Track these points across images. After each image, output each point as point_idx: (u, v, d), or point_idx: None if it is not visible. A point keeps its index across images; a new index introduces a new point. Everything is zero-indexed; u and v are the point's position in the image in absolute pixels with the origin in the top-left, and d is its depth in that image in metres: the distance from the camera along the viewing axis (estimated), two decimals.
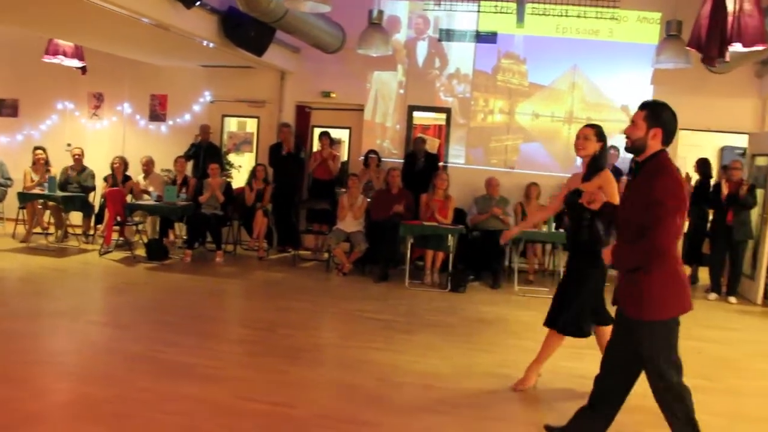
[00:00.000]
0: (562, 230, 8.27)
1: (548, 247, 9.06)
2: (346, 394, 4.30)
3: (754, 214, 8.51)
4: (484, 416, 4.06)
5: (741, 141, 10.63)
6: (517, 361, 5.20)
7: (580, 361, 5.36)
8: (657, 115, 3.25)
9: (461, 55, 9.94)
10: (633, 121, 3.31)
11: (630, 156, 9.07)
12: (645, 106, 3.32)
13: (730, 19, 5.97)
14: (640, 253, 3.18)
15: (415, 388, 4.49)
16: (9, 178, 10.10)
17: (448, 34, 9.94)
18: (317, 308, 6.76)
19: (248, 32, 8.15)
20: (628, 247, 3.27)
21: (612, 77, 9.66)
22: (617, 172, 9.04)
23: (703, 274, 9.71)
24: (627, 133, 3.32)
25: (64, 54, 9.30)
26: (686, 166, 10.90)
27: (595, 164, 4.40)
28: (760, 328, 7.34)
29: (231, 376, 4.49)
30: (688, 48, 6.85)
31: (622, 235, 3.40)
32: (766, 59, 8.89)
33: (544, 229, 8.21)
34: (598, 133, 4.43)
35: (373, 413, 3.97)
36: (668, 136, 3.26)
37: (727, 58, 6.48)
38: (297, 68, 10.30)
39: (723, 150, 11.87)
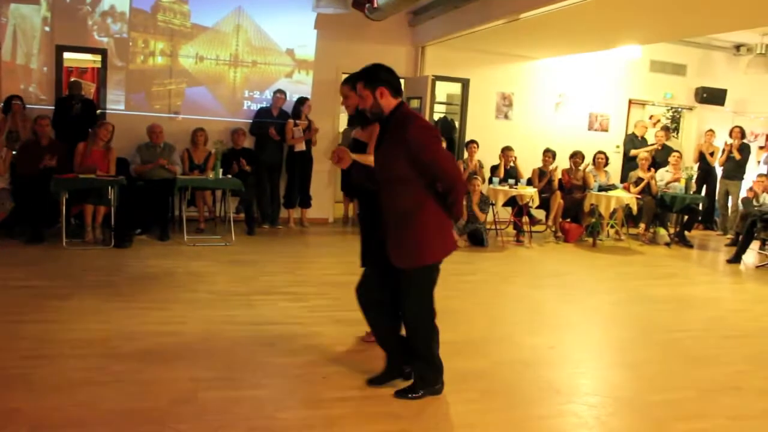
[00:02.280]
0: (230, 176, 8.22)
1: (218, 194, 8.92)
2: None
3: None
4: (146, 379, 3.85)
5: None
6: (188, 315, 5.07)
7: (252, 308, 5.41)
8: (373, 77, 3.49)
9: None
10: (361, 96, 3.51)
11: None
12: (360, 76, 3.55)
13: None
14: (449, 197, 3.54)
15: (69, 360, 4.08)
16: None
17: None
18: None
19: None
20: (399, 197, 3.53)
21: (277, 21, 9.68)
22: (284, 116, 9.20)
23: None
24: (362, 108, 3.55)
25: None
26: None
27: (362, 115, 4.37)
28: None
29: None
30: None
31: (388, 189, 3.58)
32: (417, 10, 9.63)
33: (211, 176, 8.06)
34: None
35: (17, 397, 3.51)
36: (395, 89, 3.52)
37: (375, 5, 6.85)
38: None
39: None
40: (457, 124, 10.94)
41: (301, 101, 9.25)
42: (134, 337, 4.55)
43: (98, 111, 8.90)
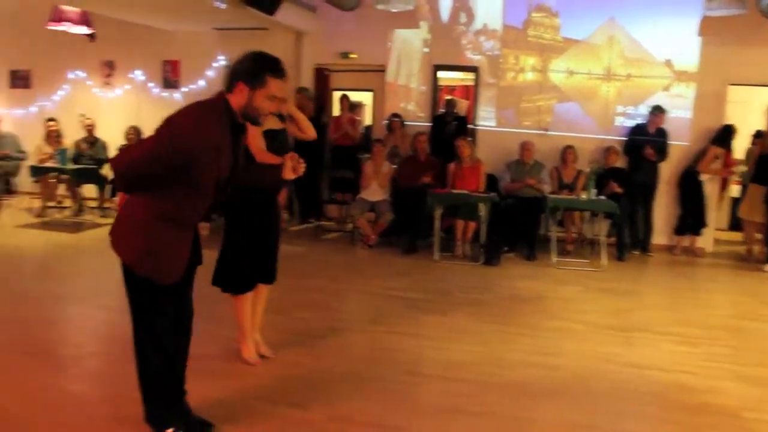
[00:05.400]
0: (603, 197, 7.70)
1: (586, 214, 8.43)
2: (366, 392, 3.79)
3: None
4: (519, 416, 3.57)
5: None
6: (561, 347, 4.72)
7: (631, 347, 4.86)
8: (233, 72, 2.85)
9: (489, 9, 9.24)
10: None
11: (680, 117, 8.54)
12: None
13: None
14: None
15: (443, 382, 4.01)
16: (23, 151, 9.76)
17: None
18: (338, 286, 6.26)
19: None
20: None
21: (654, 29, 8.85)
22: (662, 134, 8.40)
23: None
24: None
25: (70, 21, 8.87)
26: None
27: None
28: None
29: (238, 372, 4.01)
30: None
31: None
32: None
33: (584, 196, 7.63)
34: None
35: (398, 414, 3.50)
36: (252, 79, 2.79)
37: None
38: (314, 28, 9.68)
39: None
40: None
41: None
42: (506, 364, 4.32)
43: (469, 127, 9.07)
